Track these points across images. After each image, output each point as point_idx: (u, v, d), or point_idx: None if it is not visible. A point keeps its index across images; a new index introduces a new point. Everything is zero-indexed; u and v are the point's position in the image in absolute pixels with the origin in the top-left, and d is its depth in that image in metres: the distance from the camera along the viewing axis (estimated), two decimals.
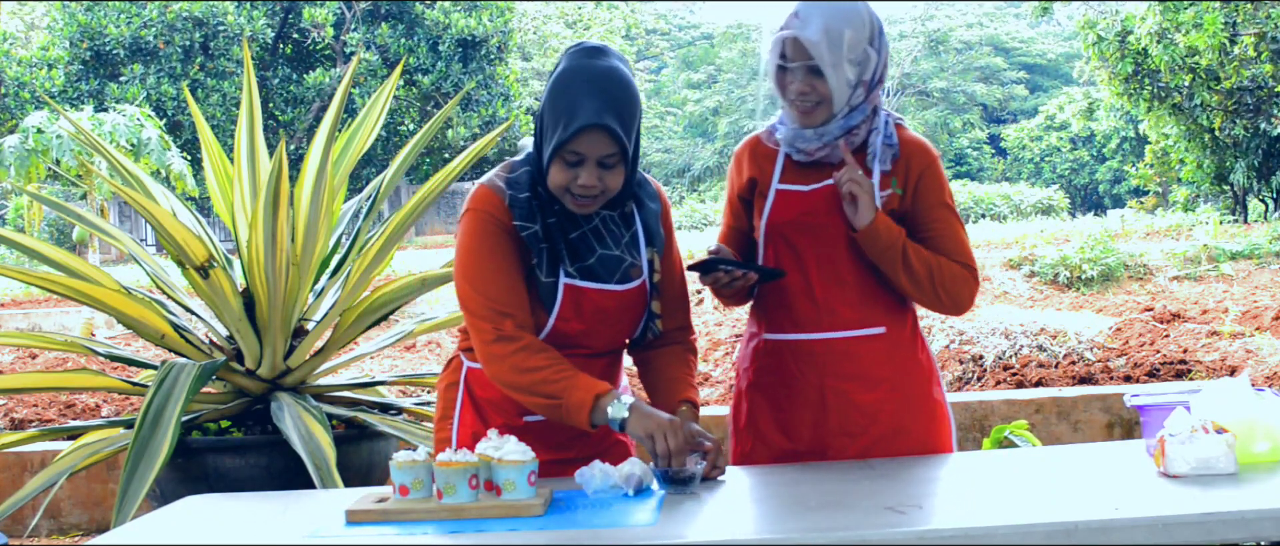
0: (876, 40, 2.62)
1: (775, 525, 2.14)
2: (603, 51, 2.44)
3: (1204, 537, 1.96)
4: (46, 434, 4.16)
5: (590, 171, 2.40)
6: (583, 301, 2.51)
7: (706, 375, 6.92)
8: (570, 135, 2.36)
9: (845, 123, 2.63)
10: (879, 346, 2.67)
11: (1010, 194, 24.96)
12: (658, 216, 2.62)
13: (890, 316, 2.69)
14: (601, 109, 2.35)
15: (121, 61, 22.06)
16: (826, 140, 2.64)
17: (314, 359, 4.33)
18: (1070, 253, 10.53)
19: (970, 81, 40.55)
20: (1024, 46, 43.04)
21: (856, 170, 2.58)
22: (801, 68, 2.58)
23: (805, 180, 2.70)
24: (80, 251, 14.88)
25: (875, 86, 2.64)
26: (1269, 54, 14.53)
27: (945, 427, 2.76)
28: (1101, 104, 26.20)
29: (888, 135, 2.67)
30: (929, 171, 2.68)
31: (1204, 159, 17.26)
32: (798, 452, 2.71)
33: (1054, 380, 6.06)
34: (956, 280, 2.65)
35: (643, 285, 2.57)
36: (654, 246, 2.59)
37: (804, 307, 2.69)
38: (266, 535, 2.23)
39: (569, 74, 2.40)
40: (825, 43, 2.55)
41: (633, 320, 2.59)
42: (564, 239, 2.49)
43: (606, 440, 2.65)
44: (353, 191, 16.73)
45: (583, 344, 2.55)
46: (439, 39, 22.87)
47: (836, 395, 2.68)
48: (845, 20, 2.56)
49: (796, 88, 2.60)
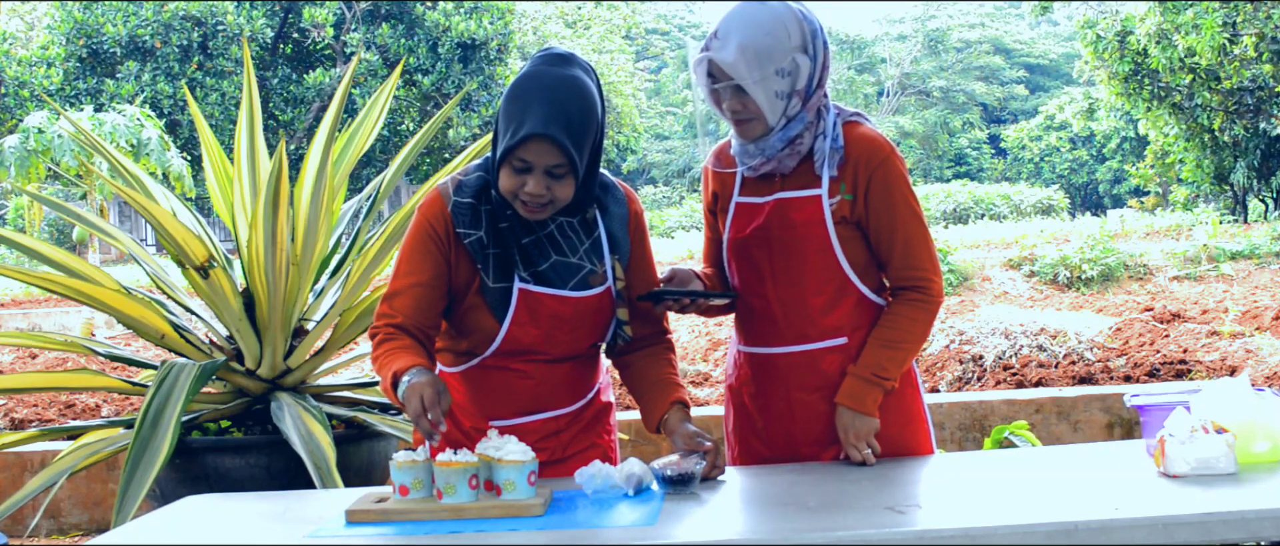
0: (810, 45, 2.54)
1: (775, 525, 2.14)
2: (566, 59, 2.41)
3: (1204, 537, 1.96)
4: (46, 434, 4.16)
5: (538, 179, 2.37)
6: (537, 307, 2.50)
7: (706, 375, 6.92)
8: (517, 142, 2.34)
9: (784, 134, 2.56)
10: (842, 357, 2.63)
11: (1010, 194, 24.93)
12: (624, 222, 2.58)
13: (854, 326, 2.64)
14: (550, 119, 2.32)
15: (118, 60, 22.06)
16: (769, 154, 2.58)
17: (314, 359, 4.33)
18: (1070, 253, 10.53)
19: (970, 81, 40.54)
20: (1024, 46, 43.03)
21: (861, 447, 2.55)
22: (728, 87, 2.52)
23: (760, 193, 2.66)
24: (80, 251, 14.89)
25: (813, 93, 2.56)
26: (1269, 54, 14.53)
27: (923, 431, 2.71)
28: (1101, 104, 26.19)
29: (835, 138, 2.58)
30: (881, 172, 2.57)
31: (1204, 159, 17.26)
32: (777, 460, 2.70)
33: (1054, 380, 6.06)
34: (918, 318, 2.59)
35: (606, 292, 2.54)
36: (617, 254, 2.56)
37: (767, 322, 2.67)
38: (266, 535, 2.23)
39: (526, 79, 2.38)
40: (743, 61, 2.48)
41: (595, 327, 2.57)
42: (517, 244, 2.48)
43: (579, 442, 2.64)
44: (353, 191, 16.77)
45: (540, 350, 2.54)
46: (439, 40, 22.86)
47: (804, 407, 2.65)
48: (766, 33, 2.49)
49: (727, 105, 2.55)
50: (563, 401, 2.62)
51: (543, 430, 2.59)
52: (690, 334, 8.52)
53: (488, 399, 2.58)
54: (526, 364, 2.55)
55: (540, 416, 2.60)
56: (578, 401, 2.65)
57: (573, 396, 2.63)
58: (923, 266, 2.60)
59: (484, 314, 2.50)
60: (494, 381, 2.57)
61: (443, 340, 2.63)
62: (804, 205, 2.59)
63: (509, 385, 2.57)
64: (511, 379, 2.57)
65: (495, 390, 2.58)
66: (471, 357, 2.58)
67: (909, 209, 2.59)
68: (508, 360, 2.55)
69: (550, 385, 2.59)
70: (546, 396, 2.59)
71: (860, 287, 2.63)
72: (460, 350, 2.59)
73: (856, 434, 2.55)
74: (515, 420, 2.58)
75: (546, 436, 2.59)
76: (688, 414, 2.56)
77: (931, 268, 2.62)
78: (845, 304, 2.62)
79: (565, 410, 2.62)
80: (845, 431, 2.56)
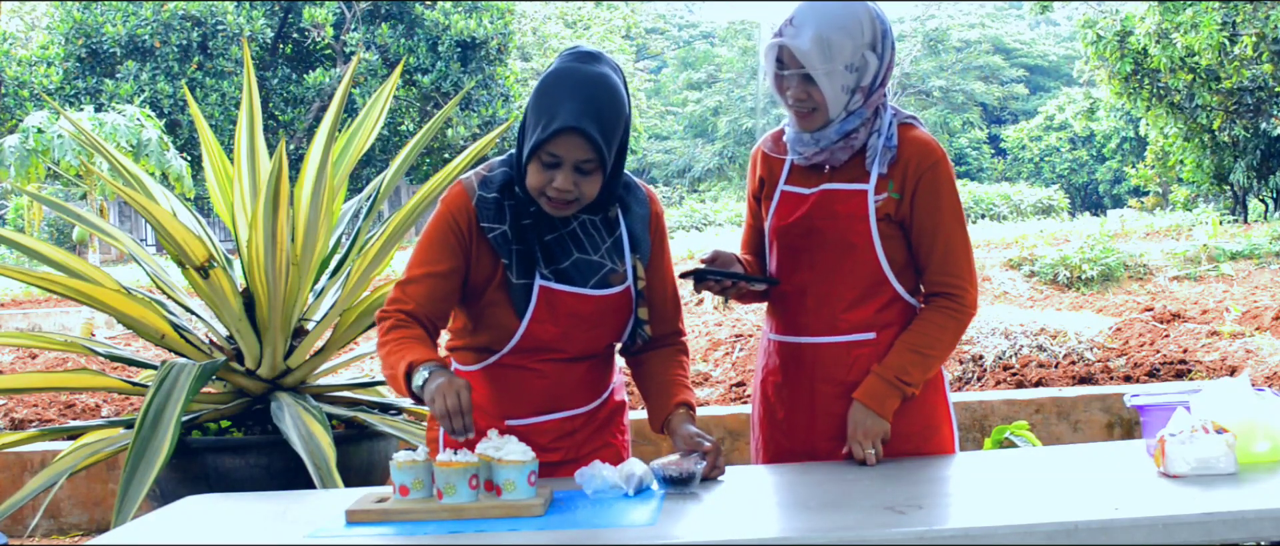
0: (879, 44, 2.57)
1: (775, 525, 2.14)
2: (595, 57, 2.43)
3: (1204, 537, 1.96)
4: (46, 434, 4.16)
5: (566, 175, 2.38)
6: (557, 305, 2.50)
7: (706, 375, 6.92)
8: (548, 136, 2.35)
9: (841, 127, 2.59)
10: (869, 353, 2.63)
11: (1010, 194, 24.94)
12: (645, 222, 2.59)
13: (884, 324, 2.64)
14: (582, 113, 2.34)
15: (118, 60, 22.07)
16: (823, 145, 2.60)
17: (314, 359, 4.33)
18: (1070, 253, 10.53)
19: (970, 81, 40.54)
20: (1024, 47, 43.03)
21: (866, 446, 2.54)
22: (795, 75, 2.55)
23: (808, 183, 2.68)
24: (80, 251, 14.89)
25: (876, 90, 2.59)
26: (1269, 54, 14.53)
27: (946, 433, 2.72)
28: (1101, 104, 26.20)
29: (889, 137, 2.61)
30: (930, 175, 2.60)
31: (1204, 159, 17.26)
32: (795, 453, 2.71)
33: (1054, 380, 6.05)
34: (948, 326, 2.60)
35: (626, 292, 2.55)
36: (638, 253, 2.57)
37: (800, 310, 2.68)
38: (266, 535, 2.23)
39: (557, 75, 2.40)
40: (817, 51, 2.50)
41: (613, 326, 2.58)
42: (539, 241, 2.48)
43: (592, 442, 2.64)
44: (353, 191, 16.77)
45: (558, 348, 2.54)
46: (439, 39, 22.86)
47: (824, 400, 2.66)
48: (840, 27, 2.51)
49: (792, 94, 2.57)
50: (578, 401, 2.61)
51: (558, 430, 2.59)
52: (691, 333, 8.52)
53: (504, 398, 2.58)
54: (543, 363, 2.55)
55: (555, 416, 2.59)
56: (593, 401, 2.64)
57: (588, 396, 2.63)
58: (960, 274, 2.62)
59: (505, 310, 2.50)
60: (510, 380, 2.57)
61: (460, 338, 2.63)
62: (849, 198, 2.62)
63: (525, 384, 2.57)
64: (528, 378, 2.56)
65: (511, 389, 2.57)
66: (489, 355, 2.57)
67: (954, 216, 2.62)
68: (525, 358, 2.55)
69: (566, 385, 2.59)
70: (563, 396, 2.59)
71: (896, 286, 2.64)
72: (478, 346, 2.59)
73: (866, 432, 2.55)
74: (531, 419, 2.58)
75: (561, 436, 2.59)
76: (692, 416, 2.56)
77: (968, 277, 2.63)
78: (878, 300, 2.64)
79: (580, 410, 2.62)
80: (855, 427, 2.57)
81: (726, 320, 8.11)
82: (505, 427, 2.56)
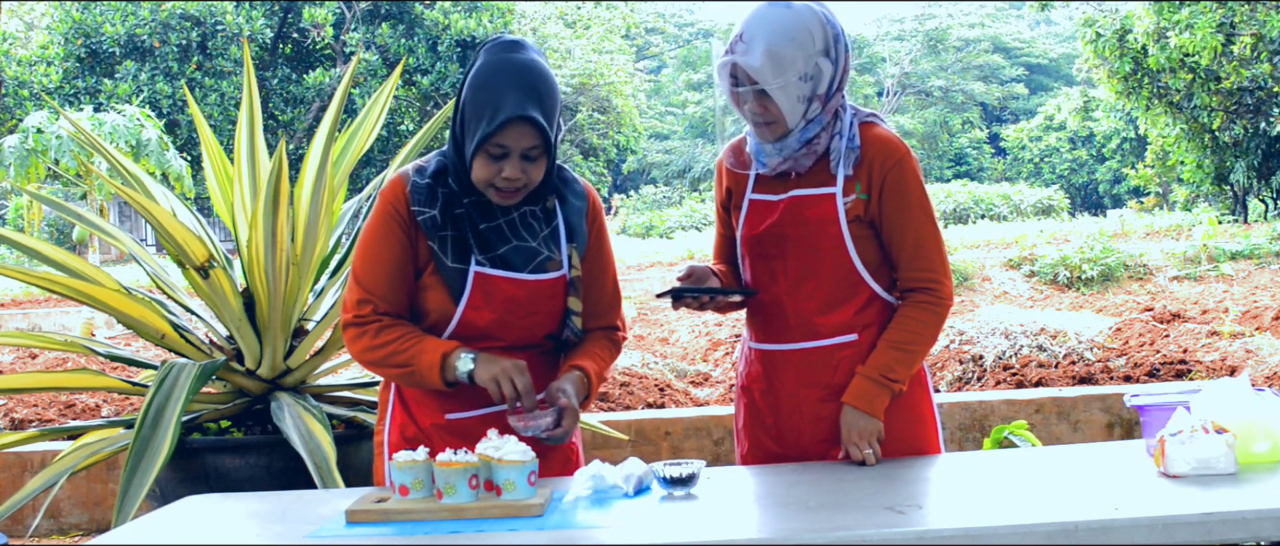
0: (832, 49, 2.55)
1: (775, 525, 2.14)
2: (520, 45, 2.46)
3: (1204, 537, 1.96)
4: (46, 434, 4.15)
5: (514, 164, 2.42)
6: (493, 291, 2.52)
7: (706, 375, 6.93)
8: (495, 128, 2.37)
9: (802, 135, 2.58)
10: (853, 354, 2.64)
11: (1010, 194, 24.94)
12: (582, 214, 2.62)
13: (865, 325, 2.65)
14: (525, 101, 2.38)
15: (117, 59, 22.07)
16: (786, 154, 2.60)
17: (314, 359, 4.33)
18: (1070, 253, 10.54)
19: (970, 81, 40.54)
20: (1024, 46, 43.04)
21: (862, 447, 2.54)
22: (750, 91, 2.54)
23: (774, 190, 2.67)
24: (80, 251, 14.89)
25: (833, 95, 2.58)
26: (1268, 54, 14.54)
27: (932, 432, 2.72)
28: (1101, 104, 26.20)
29: (851, 137, 2.60)
30: (895, 172, 2.59)
31: (1204, 159, 17.27)
32: (787, 457, 2.70)
33: (1054, 380, 6.05)
34: (927, 320, 2.60)
35: (561, 278, 2.57)
36: (574, 243, 2.59)
37: (779, 318, 2.68)
38: (266, 535, 2.23)
39: (491, 68, 2.42)
40: (769, 66, 2.49)
41: (547, 313, 2.58)
42: (474, 229, 2.51)
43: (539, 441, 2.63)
44: (353, 191, 16.77)
45: (494, 335, 2.54)
46: (438, 39, 22.87)
47: (812, 404, 2.66)
48: (790, 38, 2.50)
49: (749, 109, 2.57)
50: None
51: (500, 424, 2.56)
52: (690, 334, 8.52)
53: (445, 391, 2.56)
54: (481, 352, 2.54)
55: (498, 409, 2.57)
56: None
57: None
58: (933, 267, 2.62)
59: (441, 294, 2.52)
60: None
61: None
62: (818, 203, 2.61)
63: None
64: None
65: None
66: None
67: (922, 210, 2.62)
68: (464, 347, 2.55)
69: None
70: None
71: (872, 285, 2.64)
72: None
73: (860, 433, 2.56)
74: (474, 413, 2.57)
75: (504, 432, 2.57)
76: (578, 381, 2.53)
77: (942, 269, 2.63)
78: (856, 301, 2.64)
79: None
80: (848, 430, 2.57)
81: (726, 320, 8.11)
82: (447, 422, 2.56)
